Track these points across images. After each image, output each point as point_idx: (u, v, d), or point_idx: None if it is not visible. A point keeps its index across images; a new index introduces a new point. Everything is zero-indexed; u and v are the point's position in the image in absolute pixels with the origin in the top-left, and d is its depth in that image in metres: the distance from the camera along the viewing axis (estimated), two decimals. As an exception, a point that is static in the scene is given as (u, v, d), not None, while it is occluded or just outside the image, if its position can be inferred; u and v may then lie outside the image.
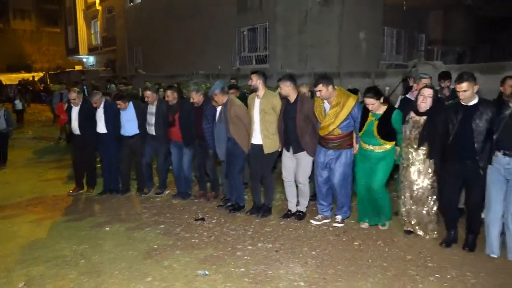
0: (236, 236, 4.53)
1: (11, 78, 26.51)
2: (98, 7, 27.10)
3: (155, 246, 4.31)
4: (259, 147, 5.05)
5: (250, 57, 13.58)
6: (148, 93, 5.95)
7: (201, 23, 14.92)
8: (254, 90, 5.04)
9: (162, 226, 4.93)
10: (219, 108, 5.43)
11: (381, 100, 4.38)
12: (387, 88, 7.37)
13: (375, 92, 4.34)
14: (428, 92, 4.09)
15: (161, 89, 8.50)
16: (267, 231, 4.64)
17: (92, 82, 14.54)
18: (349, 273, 3.60)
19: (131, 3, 20.24)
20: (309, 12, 11.10)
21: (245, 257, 3.97)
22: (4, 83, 24.28)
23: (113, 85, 12.17)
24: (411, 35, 14.35)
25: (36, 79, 26.63)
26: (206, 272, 3.65)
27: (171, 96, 5.82)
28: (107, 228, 4.90)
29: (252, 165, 5.26)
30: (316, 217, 4.90)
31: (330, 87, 4.51)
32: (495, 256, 3.86)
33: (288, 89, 4.76)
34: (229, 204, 5.53)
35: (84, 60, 31.61)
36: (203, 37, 14.90)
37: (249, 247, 4.20)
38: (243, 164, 5.41)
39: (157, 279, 3.58)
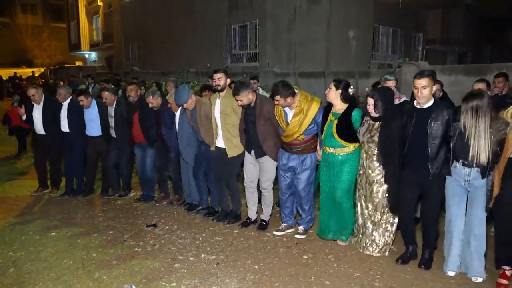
0: (182, 245, 4.27)
1: (10, 74, 26.51)
2: (100, 3, 26.94)
3: (94, 255, 4.07)
4: (223, 150, 4.78)
5: (241, 55, 13.30)
6: (106, 94, 5.68)
7: (194, 20, 14.67)
8: (222, 90, 4.73)
9: (111, 232, 4.69)
10: (177, 113, 5.17)
11: (338, 92, 4.02)
12: (367, 89, 7.04)
13: (339, 81, 4.08)
14: (370, 101, 3.77)
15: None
16: (217, 241, 4.38)
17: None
18: (285, 291, 3.32)
19: (127, -1, 20.07)
20: (298, 9, 10.77)
21: (182, 269, 3.71)
22: (3, 79, 24.29)
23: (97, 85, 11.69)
24: (408, 35, 13.91)
25: (36, 74, 26.59)
26: (133, 287, 3.39)
27: (132, 92, 5.56)
28: (53, 233, 4.67)
29: (217, 169, 4.98)
30: (280, 227, 4.62)
31: (289, 98, 4.16)
32: (452, 274, 3.56)
33: (249, 97, 4.42)
34: (199, 208, 5.33)
35: (86, 56, 31.53)
36: (195, 34, 14.66)
37: (191, 258, 3.94)
38: None
39: (78, 293, 3.34)
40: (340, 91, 4.04)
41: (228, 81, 4.72)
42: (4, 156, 9.22)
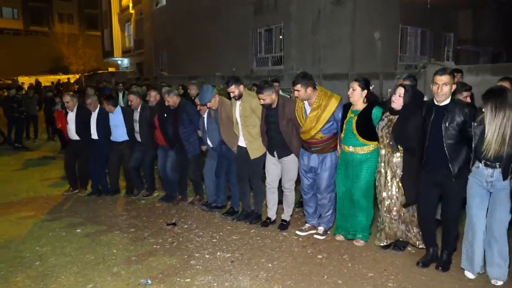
0: (199, 243, 4.36)
1: (49, 80, 27.76)
2: (131, 11, 27.78)
3: (115, 251, 4.22)
4: (245, 149, 4.85)
5: (266, 59, 13.38)
6: (131, 97, 5.87)
7: (221, 25, 14.90)
8: (240, 97, 4.78)
9: (132, 230, 4.84)
10: (205, 114, 5.29)
11: (364, 93, 4.02)
12: (389, 90, 6.94)
13: (363, 80, 4.04)
14: (400, 91, 3.74)
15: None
16: (233, 239, 4.44)
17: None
18: (296, 289, 3.33)
19: (157, 6, 20.57)
20: (322, 11, 10.75)
21: (197, 266, 3.79)
22: (43, 85, 25.41)
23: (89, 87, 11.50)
24: (437, 35, 13.57)
25: (72, 80, 27.67)
26: (149, 281, 3.50)
27: (152, 98, 5.73)
28: (78, 230, 4.86)
29: (239, 168, 5.04)
30: (303, 227, 4.62)
31: (309, 89, 4.20)
32: (472, 277, 3.46)
33: (272, 97, 4.47)
34: (214, 205, 5.43)
35: (119, 62, 32.54)
36: (222, 39, 14.87)
37: (207, 256, 4.02)
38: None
39: (97, 286, 3.47)
40: (366, 91, 4.03)
41: (242, 87, 4.77)
42: (41, 156, 9.71)
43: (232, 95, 4.76)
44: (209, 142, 5.35)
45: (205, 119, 5.33)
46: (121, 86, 12.01)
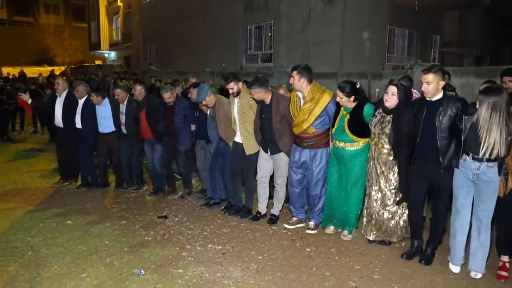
0: (190, 235, 4.44)
1: (34, 71, 27.28)
2: (120, 3, 27.48)
3: (107, 242, 4.27)
4: (241, 145, 4.93)
5: (256, 56, 13.46)
6: (118, 91, 5.90)
7: (210, 20, 14.92)
8: (238, 94, 4.85)
9: (123, 222, 4.89)
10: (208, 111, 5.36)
11: (351, 99, 4.15)
12: (377, 90, 7.10)
13: (349, 87, 4.09)
14: (392, 89, 3.86)
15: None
16: (224, 232, 4.53)
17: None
18: (286, 280, 3.44)
19: (146, 0, 20.43)
20: (312, 10, 10.88)
21: (189, 258, 3.88)
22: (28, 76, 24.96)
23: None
24: (424, 37, 13.84)
25: (57, 73, 27.26)
26: (142, 271, 3.57)
27: (137, 92, 5.76)
28: (69, 222, 4.89)
29: (233, 163, 5.10)
30: (290, 221, 4.73)
31: (303, 80, 4.29)
32: (457, 267, 3.62)
33: (261, 94, 4.56)
34: (212, 202, 5.45)
35: (106, 55, 32.16)
36: (212, 35, 14.89)
37: (198, 248, 4.10)
38: None
39: (91, 276, 3.53)
40: (353, 96, 4.13)
41: (241, 84, 4.84)
42: (29, 148, 9.62)
43: (231, 91, 4.82)
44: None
45: (208, 116, 5.40)
46: (110, 78, 11.94)
